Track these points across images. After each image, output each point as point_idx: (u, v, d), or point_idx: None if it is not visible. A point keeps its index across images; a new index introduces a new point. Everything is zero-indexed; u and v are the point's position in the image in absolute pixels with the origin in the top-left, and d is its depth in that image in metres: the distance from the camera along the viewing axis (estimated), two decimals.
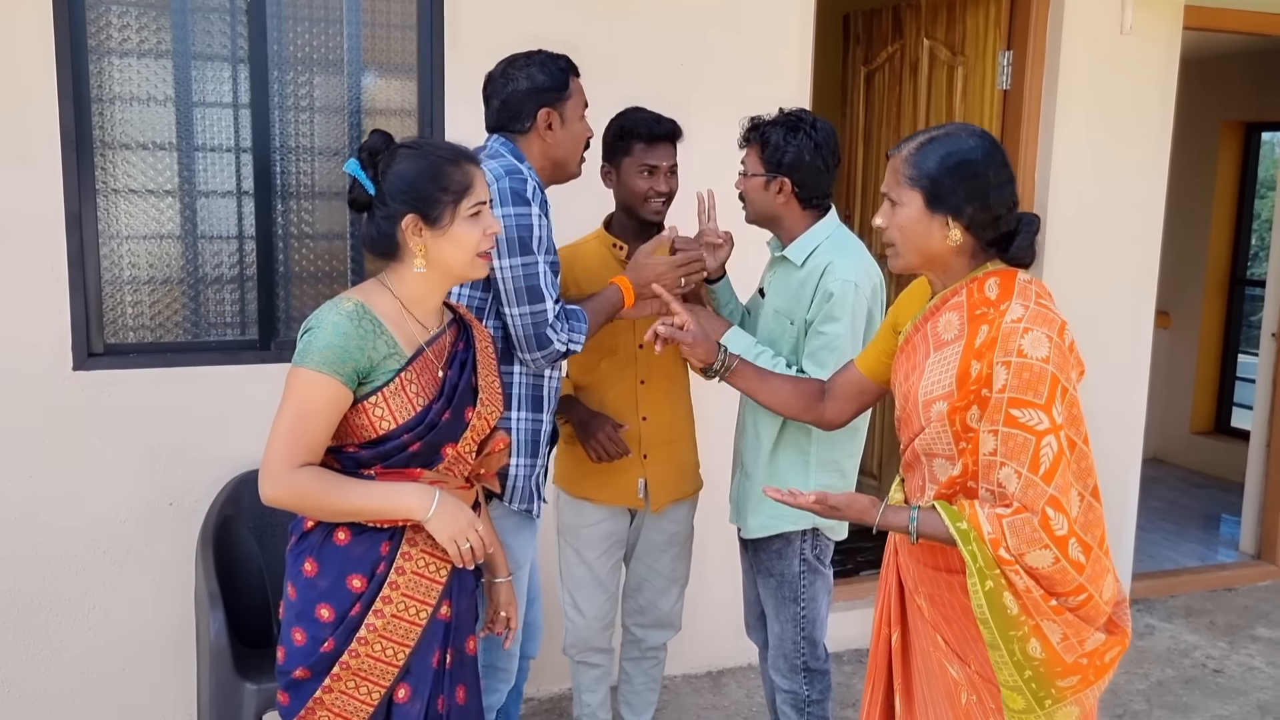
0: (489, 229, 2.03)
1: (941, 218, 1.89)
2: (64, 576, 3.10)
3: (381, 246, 2.02)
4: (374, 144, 2.01)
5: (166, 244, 3.21)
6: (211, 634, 2.71)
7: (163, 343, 3.22)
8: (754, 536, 2.71)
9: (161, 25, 3.12)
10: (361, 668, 1.97)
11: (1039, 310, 1.83)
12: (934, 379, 1.92)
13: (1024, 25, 4.17)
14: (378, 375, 1.95)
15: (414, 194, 1.97)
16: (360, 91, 3.35)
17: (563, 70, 2.51)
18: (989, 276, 1.91)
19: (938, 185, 1.88)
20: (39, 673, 3.11)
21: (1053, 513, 1.78)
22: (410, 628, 2.00)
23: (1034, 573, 1.80)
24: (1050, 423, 1.78)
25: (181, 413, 3.16)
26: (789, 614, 2.71)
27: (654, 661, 3.07)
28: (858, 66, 5.01)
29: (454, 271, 2.04)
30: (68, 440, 3.06)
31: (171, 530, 3.15)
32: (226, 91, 3.20)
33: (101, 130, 3.07)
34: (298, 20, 3.23)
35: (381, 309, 1.99)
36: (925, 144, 1.91)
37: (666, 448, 2.84)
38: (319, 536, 2.00)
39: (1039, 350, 1.79)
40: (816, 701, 2.75)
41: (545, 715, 3.61)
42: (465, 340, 2.12)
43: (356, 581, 1.98)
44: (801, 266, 2.60)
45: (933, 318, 1.98)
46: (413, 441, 1.98)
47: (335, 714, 1.99)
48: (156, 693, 3.22)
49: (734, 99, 3.50)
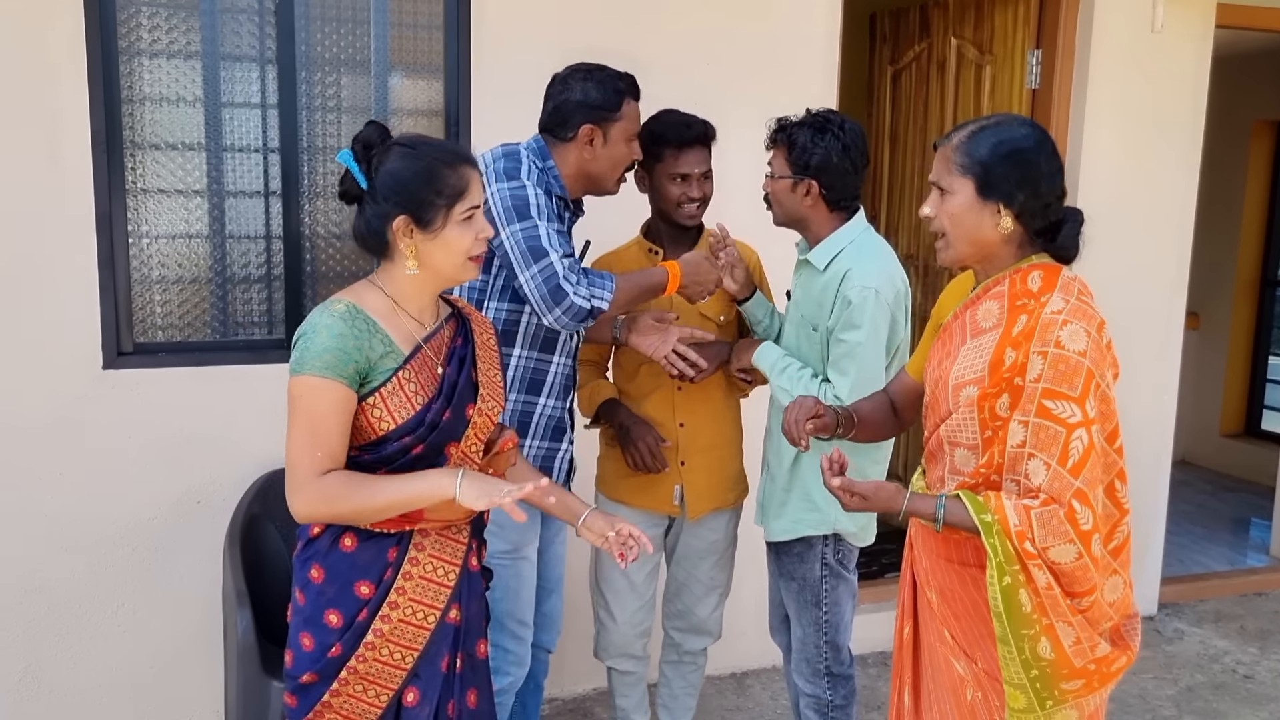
0: (481, 233, 1.99)
1: (993, 205, 1.88)
2: (93, 574, 3.13)
3: (371, 243, 1.99)
4: (368, 136, 1.95)
5: (195, 244, 3.23)
6: (239, 632, 2.73)
7: (191, 342, 3.24)
8: (777, 540, 2.70)
9: (190, 26, 3.14)
10: (369, 671, 1.96)
11: (1080, 305, 1.83)
12: (966, 364, 1.91)
13: (1053, 23, 4.13)
14: (375, 375, 1.92)
15: (407, 195, 1.92)
16: (387, 92, 3.36)
17: (619, 92, 2.52)
18: (1033, 269, 1.90)
19: (990, 172, 1.87)
20: (68, 669, 3.13)
21: (1079, 506, 1.77)
22: (418, 632, 1.98)
23: (1056, 568, 1.79)
24: (1082, 416, 1.77)
25: (209, 411, 3.18)
26: (811, 618, 2.70)
27: (693, 667, 3.05)
28: (884, 66, 4.99)
29: (444, 274, 2.00)
30: (97, 439, 3.09)
31: (199, 528, 3.17)
32: (254, 92, 3.21)
33: (131, 131, 3.10)
34: (325, 21, 3.25)
35: (373, 308, 1.95)
36: (976, 132, 1.90)
37: (705, 455, 2.81)
38: (325, 542, 1.98)
39: (1077, 343, 1.78)
40: (840, 707, 2.74)
41: (569, 715, 3.60)
42: (464, 335, 2.08)
43: (364, 588, 1.96)
44: (824, 271, 2.58)
45: (973, 306, 1.97)
46: (415, 444, 1.94)
47: (344, 716, 1.97)
48: (184, 690, 3.25)
49: (761, 98, 3.48)
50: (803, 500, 2.64)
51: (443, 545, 2.01)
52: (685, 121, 2.68)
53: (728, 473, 2.89)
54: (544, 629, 2.83)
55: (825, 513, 2.62)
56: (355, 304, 1.94)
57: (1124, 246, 4.18)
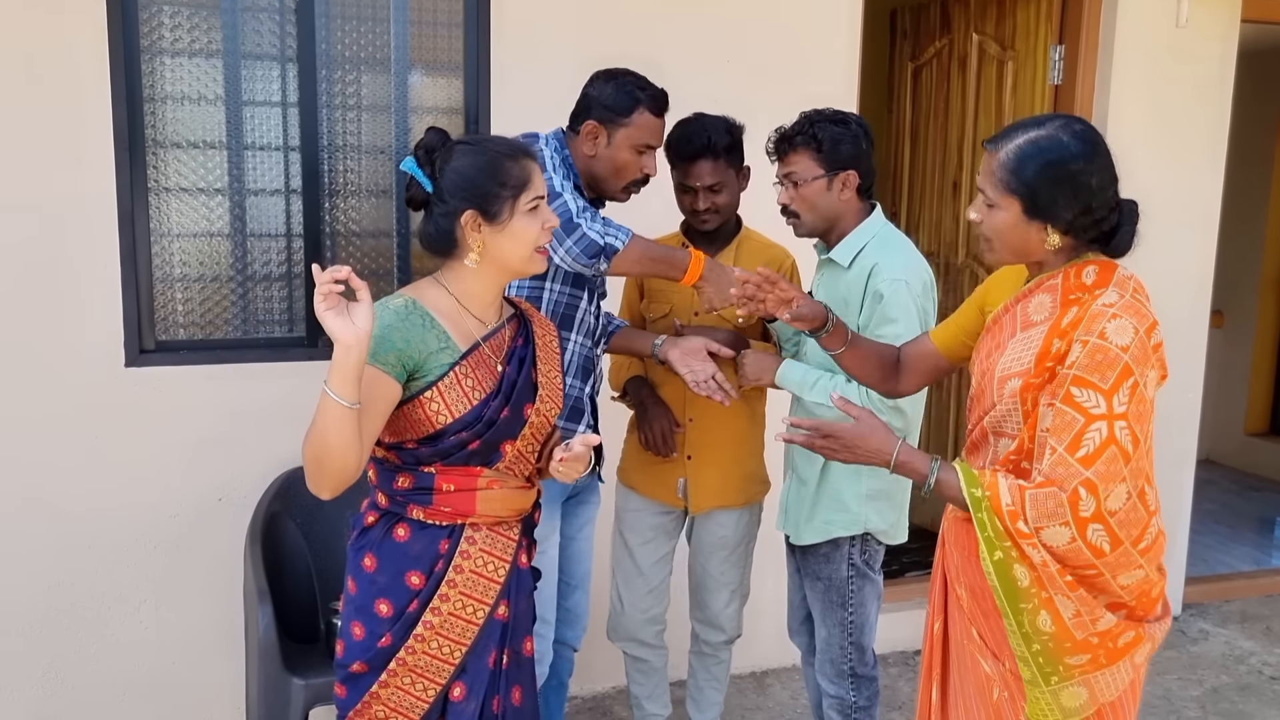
0: (547, 223, 2.03)
1: (1039, 224, 1.86)
2: (115, 571, 3.14)
3: (440, 244, 2.02)
4: (431, 141, 2.00)
5: (216, 242, 3.24)
6: (260, 629, 2.73)
7: (212, 340, 3.25)
8: (807, 543, 2.67)
9: (212, 25, 3.15)
10: (418, 664, 1.98)
11: (1133, 302, 1.81)
12: (1014, 356, 1.90)
13: (1076, 19, 4.09)
14: (430, 369, 1.95)
15: (473, 190, 1.96)
16: (407, 90, 3.36)
17: (634, 99, 2.53)
18: (1088, 264, 1.88)
19: (1036, 195, 1.83)
20: (90, 666, 3.15)
21: (1085, 493, 1.75)
22: (467, 626, 2.00)
23: (1050, 550, 1.78)
24: (1107, 409, 1.74)
25: (231, 409, 3.19)
26: (836, 619, 2.68)
27: (715, 660, 3.06)
28: (905, 62, 4.96)
29: (511, 266, 2.04)
30: (119, 436, 3.10)
31: (221, 526, 3.18)
32: (275, 90, 3.22)
33: (153, 129, 3.11)
34: (345, 19, 3.25)
35: (435, 304, 1.99)
36: (1023, 148, 1.84)
37: (712, 451, 2.82)
38: (379, 532, 2.01)
39: (1121, 338, 1.76)
40: (864, 708, 2.72)
41: (590, 714, 3.60)
42: (525, 336, 2.11)
43: (415, 578, 1.98)
44: (849, 268, 2.56)
45: (1025, 299, 1.95)
46: (471, 439, 1.96)
47: (391, 709, 1.99)
48: (206, 687, 3.26)
49: (780, 96, 3.46)
50: (833, 502, 2.62)
51: (494, 540, 2.03)
52: (688, 135, 2.67)
53: (739, 471, 2.87)
54: (568, 625, 2.83)
55: (856, 513, 2.60)
56: (415, 299, 1.99)
57: (1147, 244, 4.09)
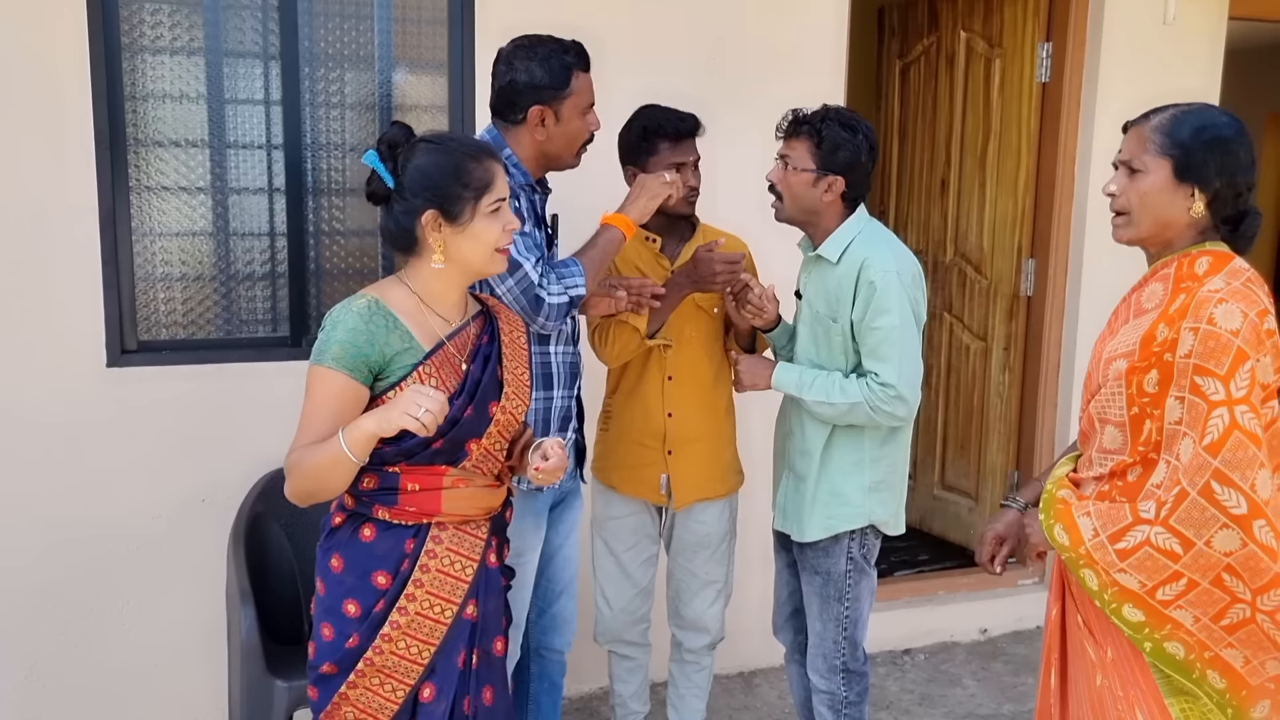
0: (508, 225, 2.02)
1: (1188, 188, 1.87)
2: (97, 572, 3.12)
3: (400, 240, 2.02)
4: (394, 136, 1.99)
5: (199, 241, 3.22)
6: (243, 631, 2.72)
7: (195, 339, 3.23)
8: (810, 540, 2.66)
9: (193, 23, 3.12)
10: (386, 664, 1.98)
11: (1243, 288, 1.80)
12: (1122, 339, 1.91)
13: (1063, 16, 4.09)
14: (393, 370, 1.96)
15: (435, 190, 1.96)
16: (391, 88, 3.34)
17: (566, 67, 2.45)
18: (1203, 254, 1.88)
19: (1190, 155, 1.86)
20: (72, 668, 3.13)
21: (1218, 486, 1.72)
22: (435, 626, 1.99)
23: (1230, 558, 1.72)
24: (1225, 394, 1.73)
25: (214, 409, 3.17)
26: (833, 614, 2.68)
27: (697, 667, 3.03)
28: (893, 60, 4.95)
29: (472, 267, 2.03)
30: (101, 437, 3.08)
31: (204, 527, 3.16)
32: (258, 88, 3.20)
33: (135, 128, 3.08)
34: (328, 16, 3.23)
35: (398, 304, 1.99)
36: (1178, 115, 1.89)
37: (693, 445, 2.81)
38: (346, 533, 2.02)
39: (1230, 322, 1.75)
40: (854, 703, 2.72)
41: (578, 714, 3.59)
42: (490, 333, 2.10)
43: (381, 578, 1.99)
44: (838, 264, 2.56)
45: (1140, 288, 1.97)
46: (435, 438, 1.96)
47: (361, 710, 1.99)
48: (188, 689, 3.24)
49: (767, 92, 3.46)
50: (834, 497, 2.63)
51: (460, 539, 2.03)
52: (678, 115, 2.69)
53: (718, 463, 2.88)
54: (555, 631, 2.81)
55: (859, 506, 2.62)
56: (379, 299, 1.98)
57: None
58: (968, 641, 4.21)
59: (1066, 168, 4.13)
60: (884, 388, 2.47)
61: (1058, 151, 4.13)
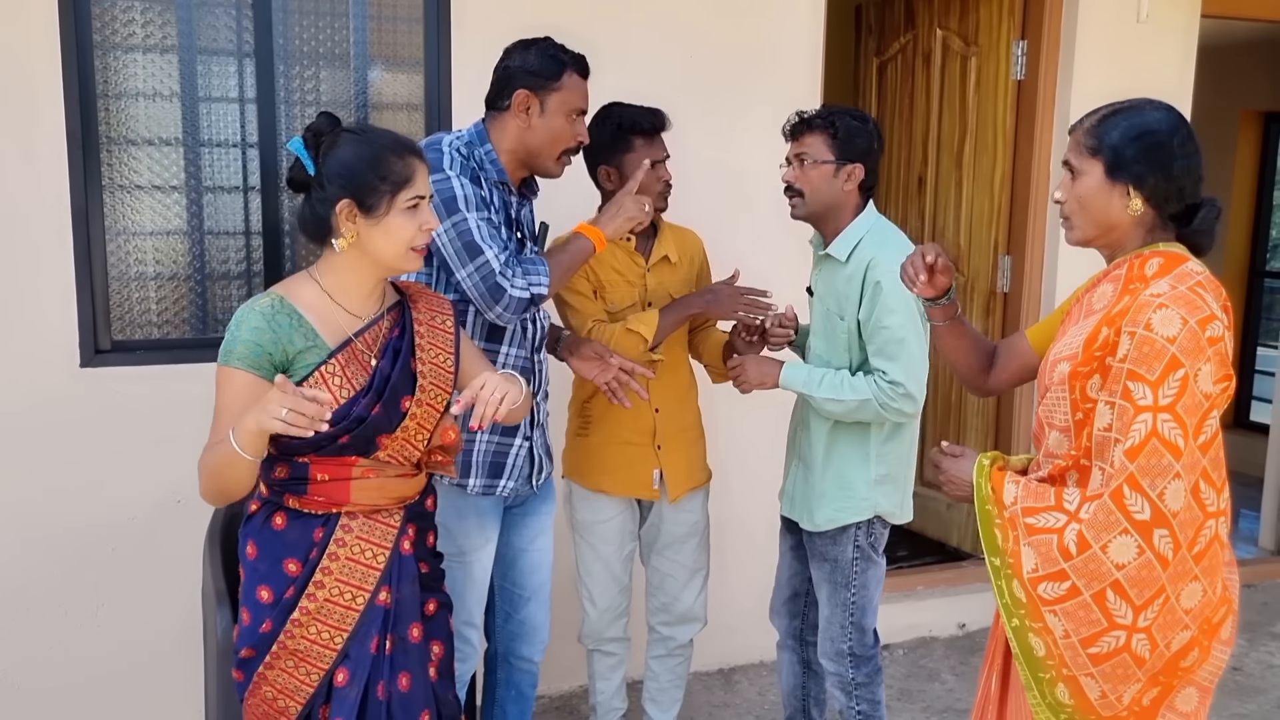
0: (425, 224, 2.01)
1: (1122, 186, 1.86)
2: (72, 574, 3.09)
3: (313, 229, 2.01)
4: (319, 125, 2.00)
5: (173, 240, 3.20)
6: (218, 632, 2.68)
7: (170, 339, 3.21)
8: (819, 530, 2.72)
9: (166, 20, 3.10)
10: (298, 649, 2.00)
11: (1187, 294, 1.76)
12: (1068, 341, 1.90)
13: (1038, 14, 4.11)
14: (297, 369, 1.97)
15: (352, 180, 1.96)
16: (366, 86, 3.33)
17: (561, 62, 2.46)
18: (1154, 255, 1.86)
19: (1118, 154, 1.85)
20: (47, 670, 3.10)
21: (1129, 490, 1.71)
22: (346, 612, 2.01)
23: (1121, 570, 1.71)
24: (1152, 400, 1.71)
25: (189, 409, 3.11)
26: (839, 599, 2.75)
27: (680, 659, 3.07)
28: (870, 58, 4.96)
29: (384, 262, 2.02)
30: (75, 437, 3.06)
31: (179, 527, 3.13)
32: (232, 86, 3.18)
33: (107, 126, 3.06)
34: (303, 14, 3.21)
35: (304, 301, 1.99)
36: (1108, 115, 1.89)
37: (678, 437, 2.87)
38: (259, 520, 2.05)
39: (1167, 329, 1.72)
40: (863, 684, 2.80)
41: (556, 713, 3.59)
42: (402, 325, 2.08)
43: (292, 565, 2.01)
44: (846, 263, 2.62)
45: (1092, 289, 1.95)
46: (340, 434, 1.97)
47: (278, 690, 2.02)
48: (164, 690, 3.22)
49: (744, 91, 3.47)
50: (842, 489, 2.70)
51: (371, 528, 2.05)
52: (650, 110, 2.71)
53: (696, 452, 2.95)
54: (522, 639, 2.78)
55: (865, 498, 2.69)
56: (283, 297, 1.99)
57: None
58: (946, 637, 4.23)
59: (1042, 165, 4.16)
60: (892, 385, 2.54)
61: (1033, 149, 4.16)
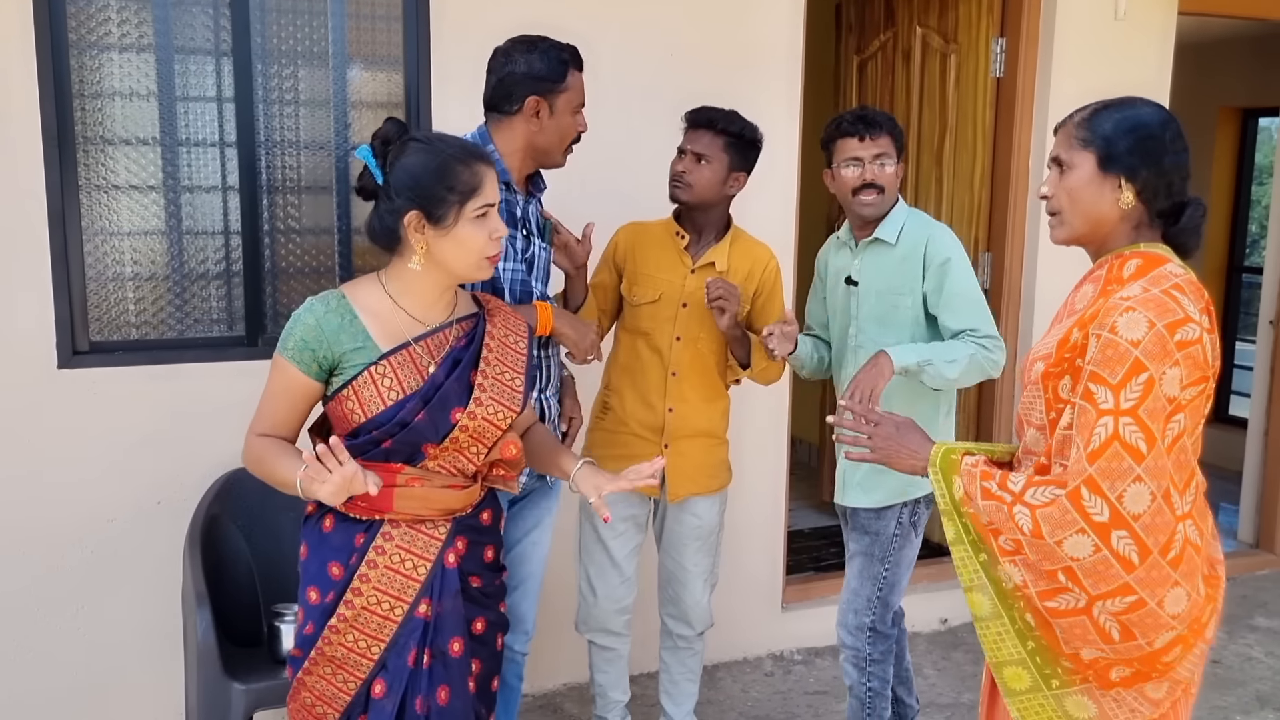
0: (495, 233, 2.00)
1: (1114, 179, 1.84)
2: (51, 576, 3.07)
3: (383, 239, 2.01)
4: (387, 132, 1.98)
5: (151, 240, 3.18)
6: (199, 634, 2.69)
7: (149, 340, 3.19)
8: (872, 507, 2.83)
9: (143, 19, 3.08)
10: (335, 655, 2.00)
11: (1158, 297, 1.74)
12: (1046, 341, 1.90)
13: (1016, 12, 4.12)
14: (346, 368, 1.96)
15: (419, 190, 1.94)
16: (346, 84, 3.32)
17: (564, 62, 2.50)
18: (1134, 255, 1.85)
19: (1112, 145, 1.84)
20: (26, 673, 3.08)
21: (1087, 492, 1.69)
22: (384, 622, 2.00)
23: (1077, 564, 1.71)
24: (1114, 404, 1.69)
25: (168, 410, 3.13)
26: (872, 574, 2.84)
27: (690, 652, 3.10)
28: (850, 55, 4.98)
29: (455, 272, 2.01)
30: (53, 439, 3.03)
31: (159, 529, 3.12)
32: (210, 85, 3.16)
33: (84, 126, 3.04)
34: (281, 13, 3.19)
35: (364, 302, 1.99)
36: (1100, 109, 1.89)
37: (690, 441, 2.88)
38: (314, 521, 2.06)
39: (1132, 332, 1.71)
40: (877, 661, 2.87)
41: (540, 712, 3.58)
42: (471, 336, 2.07)
43: (335, 569, 2.01)
44: (897, 244, 2.80)
45: (1077, 289, 1.95)
46: (383, 438, 1.96)
47: (316, 696, 2.02)
48: (145, 693, 3.20)
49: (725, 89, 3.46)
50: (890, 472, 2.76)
51: (413, 538, 2.02)
52: (704, 108, 2.81)
53: (711, 460, 2.94)
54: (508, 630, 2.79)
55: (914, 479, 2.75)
56: (343, 296, 2.00)
57: None
58: (928, 631, 4.25)
59: (1021, 162, 4.18)
60: (988, 339, 2.73)
61: (1012, 146, 4.18)
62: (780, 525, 3.98)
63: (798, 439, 5.14)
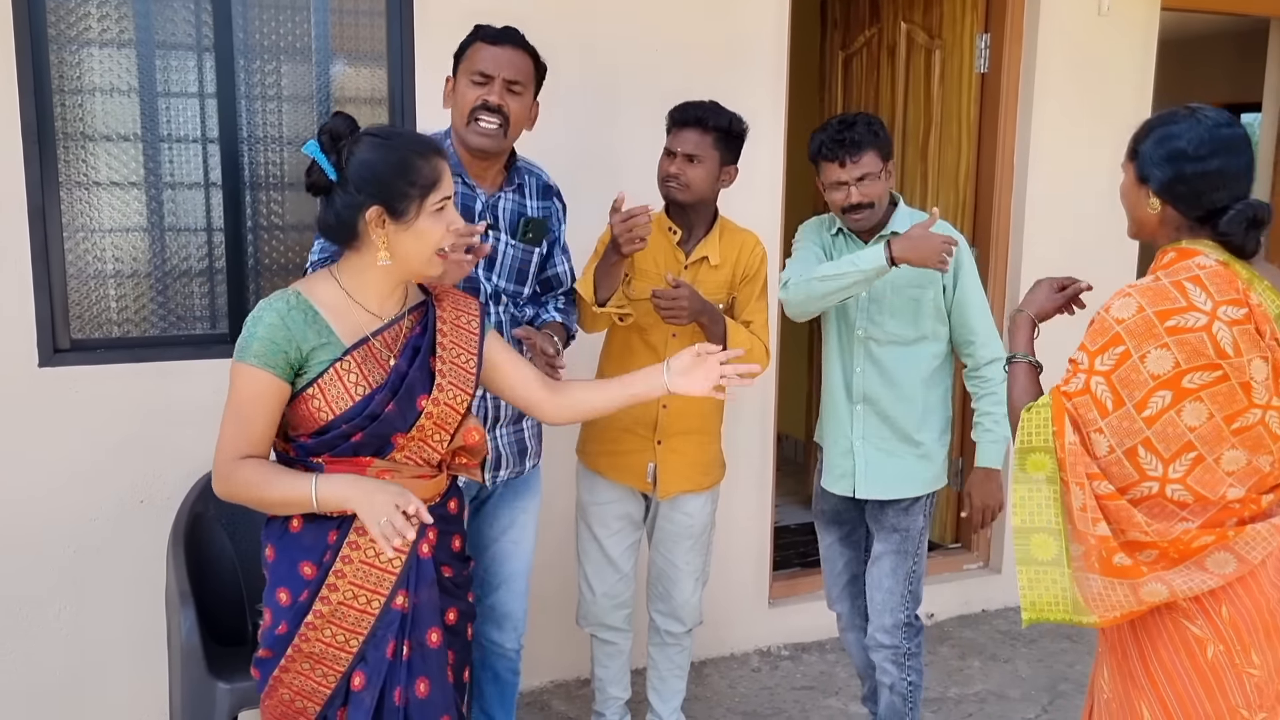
0: (452, 225, 2.00)
1: (1146, 188, 2.00)
2: (32, 576, 3.05)
3: (340, 234, 1.99)
4: (336, 127, 1.95)
5: (133, 237, 3.15)
6: (182, 633, 2.67)
7: (131, 338, 3.16)
8: (897, 498, 2.85)
9: (124, 14, 3.05)
10: (313, 651, 1.99)
11: (1161, 286, 1.88)
12: None
13: (1001, 8, 4.13)
14: (311, 366, 1.95)
15: (380, 186, 1.93)
16: (329, 80, 3.30)
17: (471, 37, 2.54)
18: (1172, 249, 1.99)
19: (1143, 157, 2.00)
20: (8, 673, 3.06)
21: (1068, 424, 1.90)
22: (361, 616, 2.00)
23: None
24: (1088, 365, 1.89)
25: (151, 408, 3.11)
26: (904, 571, 2.86)
27: (678, 649, 3.10)
28: (835, 51, 4.98)
29: (410, 266, 2.00)
30: (35, 438, 3.01)
31: (142, 528, 3.10)
32: (192, 81, 3.14)
33: (64, 122, 3.01)
34: (263, 8, 3.17)
35: (321, 299, 1.98)
36: (1151, 123, 2.03)
37: (683, 438, 2.88)
38: (278, 524, 2.04)
39: (1122, 312, 1.88)
40: (914, 654, 2.92)
41: (528, 709, 3.58)
42: (425, 324, 2.07)
43: (307, 568, 2.00)
44: None
45: None
46: (353, 431, 1.96)
47: (295, 692, 2.02)
48: (129, 693, 3.18)
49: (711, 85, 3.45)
50: (922, 459, 2.86)
51: None
52: (688, 106, 2.79)
53: (703, 457, 2.94)
54: (493, 624, 2.78)
55: (942, 466, 2.89)
56: (300, 293, 1.98)
57: (1073, 229, 4.19)
58: None
59: (1006, 158, 4.18)
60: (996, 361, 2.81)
61: (997, 141, 4.18)
62: (767, 521, 3.98)
63: (784, 435, 5.15)
